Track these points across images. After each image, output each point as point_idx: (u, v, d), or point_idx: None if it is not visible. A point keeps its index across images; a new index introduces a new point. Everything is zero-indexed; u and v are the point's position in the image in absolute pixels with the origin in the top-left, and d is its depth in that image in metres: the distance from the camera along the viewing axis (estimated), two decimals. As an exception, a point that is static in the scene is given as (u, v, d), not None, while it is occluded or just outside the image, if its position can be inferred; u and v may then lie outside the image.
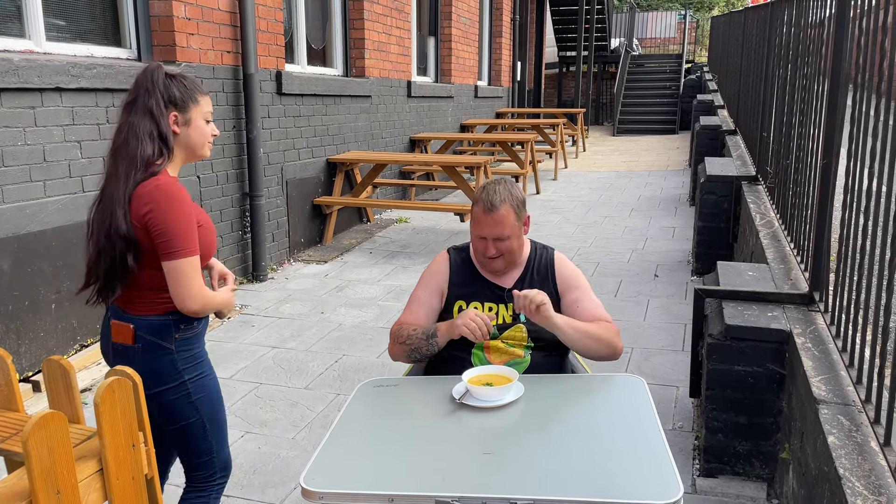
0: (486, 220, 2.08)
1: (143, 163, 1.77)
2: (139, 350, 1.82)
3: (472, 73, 10.62)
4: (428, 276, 2.26)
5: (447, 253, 2.29)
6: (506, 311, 2.16)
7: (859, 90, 2.24)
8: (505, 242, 2.09)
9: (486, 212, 2.08)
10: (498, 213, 2.07)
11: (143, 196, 1.75)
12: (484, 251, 2.11)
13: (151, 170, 1.78)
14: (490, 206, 2.07)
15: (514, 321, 2.14)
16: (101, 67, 3.88)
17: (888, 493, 1.54)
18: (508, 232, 2.09)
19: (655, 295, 4.84)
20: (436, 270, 2.25)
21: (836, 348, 2.23)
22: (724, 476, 2.62)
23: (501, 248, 2.10)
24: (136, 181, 1.76)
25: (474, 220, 2.12)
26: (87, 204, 3.85)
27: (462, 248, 2.30)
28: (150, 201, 1.74)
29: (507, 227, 2.08)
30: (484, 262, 2.15)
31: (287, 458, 2.92)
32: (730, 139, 6.71)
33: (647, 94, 16.37)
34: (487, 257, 2.11)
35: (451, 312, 2.18)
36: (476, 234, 2.12)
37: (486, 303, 2.17)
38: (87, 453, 1.55)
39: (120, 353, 1.85)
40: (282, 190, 5.74)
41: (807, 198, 2.93)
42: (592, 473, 1.50)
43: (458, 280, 2.21)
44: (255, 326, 4.40)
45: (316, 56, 6.64)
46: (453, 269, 2.24)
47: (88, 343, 3.93)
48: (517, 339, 2.12)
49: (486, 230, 2.08)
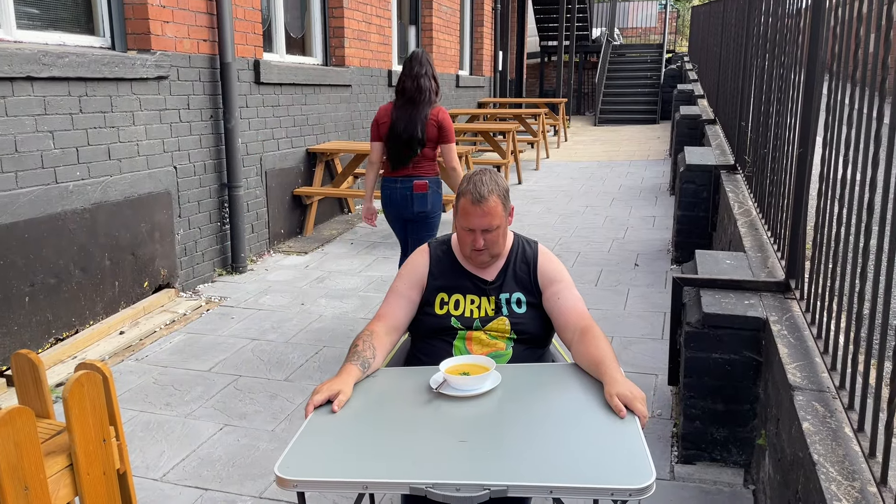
0: (474, 211, 2.03)
1: (431, 98, 3.74)
2: (430, 193, 3.78)
3: (453, 62, 10.57)
4: (407, 269, 2.22)
5: (427, 246, 2.26)
6: (488, 303, 2.13)
7: (835, 79, 2.25)
8: (493, 233, 2.06)
9: (474, 203, 2.03)
10: (487, 204, 2.03)
11: (437, 113, 3.75)
12: (472, 243, 2.07)
13: (434, 101, 3.77)
14: (478, 196, 2.03)
15: (497, 314, 2.12)
16: (73, 56, 3.81)
17: (861, 478, 1.56)
18: (497, 222, 2.05)
19: (635, 284, 4.86)
20: (415, 264, 2.22)
21: (812, 335, 2.25)
22: (702, 462, 2.64)
23: (489, 240, 2.07)
24: (431, 106, 3.74)
25: (461, 212, 2.07)
26: (60, 195, 3.79)
27: (443, 240, 2.26)
28: (440, 114, 3.75)
29: (496, 218, 2.05)
30: (470, 255, 2.12)
31: (266, 450, 2.90)
32: (709, 129, 6.74)
33: (628, 83, 16.41)
34: (475, 249, 2.08)
35: (433, 306, 2.15)
36: (463, 226, 2.07)
37: (469, 295, 2.15)
38: (56, 448, 1.52)
39: (420, 197, 3.77)
40: (261, 180, 5.68)
41: (783, 186, 2.95)
42: (566, 460, 1.51)
43: (438, 272, 2.18)
44: (234, 318, 4.36)
45: (295, 45, 6.57)
46: (433, 261, 2.20)
47: (64, 336, 3.87)
48: (500, 331, 2.11)
49: (475, 221, 2.04)
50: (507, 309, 2.13)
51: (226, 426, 3.09)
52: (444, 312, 2.13)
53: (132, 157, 4.32)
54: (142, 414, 3.21)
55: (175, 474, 2.74)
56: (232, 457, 2.85)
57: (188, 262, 4.88)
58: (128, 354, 3.86)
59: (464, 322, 2.11)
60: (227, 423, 3.12)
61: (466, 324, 2.11)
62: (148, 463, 2.82)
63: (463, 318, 2.12)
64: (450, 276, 2.18)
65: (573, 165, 10.23)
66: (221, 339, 4.05)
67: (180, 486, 2.66)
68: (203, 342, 4.01)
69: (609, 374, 1.82)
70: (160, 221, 4.58)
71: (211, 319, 4.35)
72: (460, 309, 2.13)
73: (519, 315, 2.13)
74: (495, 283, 2.16)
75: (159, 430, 3.07)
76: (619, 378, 1.80)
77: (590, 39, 18.41)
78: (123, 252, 4.28)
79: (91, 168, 4.02)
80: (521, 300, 2.15)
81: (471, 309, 2.13)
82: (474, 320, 2.11)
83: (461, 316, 2.12)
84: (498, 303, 2.13)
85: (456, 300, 2.14)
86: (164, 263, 4.64)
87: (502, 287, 2.15)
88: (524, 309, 2.14)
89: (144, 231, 4.44)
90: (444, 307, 2.14)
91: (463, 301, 2.14)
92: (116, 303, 4.26)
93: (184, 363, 3.74)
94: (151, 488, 2.65)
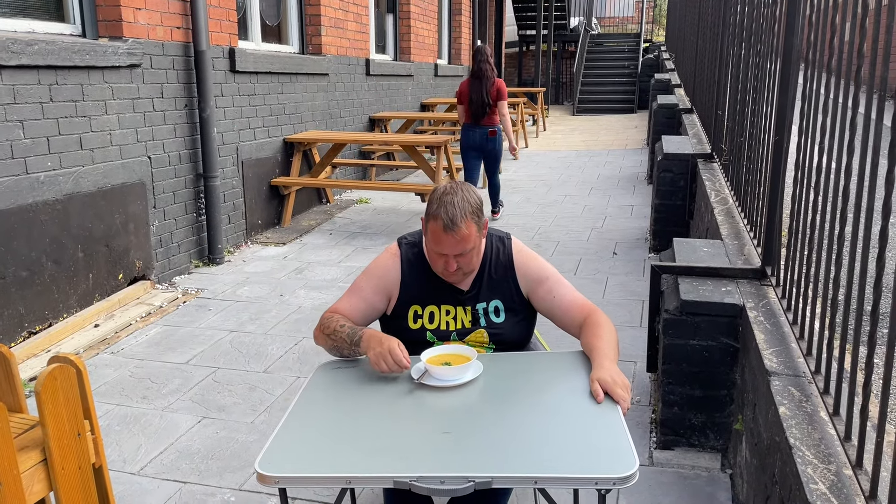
0: (446, 238, 1.89)
1: (490, 76, 6.08)
2: (497, 135, 6.17)
3: (431, 51, 10.52)
4: (375, 270, 2.08)
5: (398, 248, 2.10)
6: (464, 314, 2.05)
7: (811, 67, 2.27)
8: (466, 256, 1.94)
9: (446, 230, 1.88)
10: (459, 232, 1.88)
11: (496, 83, 6.08)
12: (444, 267, 1.95)
13: (492, 77, 6.09)
14: (451, 224, 1.87)
15: (475, 325, 2.04)
16: (43, 44, 3.72)
17: (837, 461, 1.58)
18: (471, 245, 1.92)
19: (614, 273, 4.89)
20: (385, 268, 2.07)
21: (788, 321, 2.28)
22: (680, 448, 2.67)
23: (463, 262, 1.94)
24: (493, 81, 6.08)
25: (432, 236, 1.92)
26: (31, 186, 3.71)
27: (414, 241, 2.11)
28: (498, 84, 6.09)
29: (469, 242, 1.91)
30: (444, 275, 2.00)
31: (245, 442, 2.88)
32: (686, 118, 6.78)
33: (606, 73, 16.45)
34: (448, 271, 1.96)
35: (406, 319, 2.05)
36: (434, 250, 1.94)
37: (444, 306, 2.05)
38: (29, 443, 1.49)
39: (493, 139, 6.15)
40: (237, 171, 5.62)
41: (759, 174, 2.97)
42: (550, 450, 1.51)
43: (410, 281, 2.05)
44: (211, 310, 4.32)
45: (270, 33, 6.48)
46: (404, 268, 2.06)
47: (37, 330, 3.81)
48: (479, 342, 2.05)
49: (447, 248, 1.91)
50: (485, 319, 2.05)
51: (204, 419, 3.06)
52: (419, 326, 2.04)
53: (105, 146, 4.24)
54: (118, 407, 3.16)
55: (153, 468, 2.71)
56: (211, 449, 2.83)
57: (164, 253, 4.82)
58: (103, 347, 3.80)
59: (440, 335, 2.04)
60: (206, 415, 3.09)
61: (442, 337, 2.04)
62: (125, 457, 2.78)
63: (439, 332, 2.04)
64: (423, 285, 2.06)
65: (552, 155, 10.24)
66: (199, 332, 4.00)
67: (158, 479, 2.63)
68: (180, 334, 3.96)
69: (597, 360, 1.82)
70: (134, 212, 4.51)
71: (188, 311, 4.30)
72: (435, 322, 2.04)
73: (497, 325, 2.05)
74: (471, 292, 2.06)
75: (136, 423, 3.04)
76: (605, 364, 1.79)
77: (568, 29, 18.42)
78: (97, 244, 4.21)
79: (63, 158, 3.93)
80: (498, 308, 2.06)
81: (446, 321, 2.04)
82: (451, 333, 2.04)
83: (437, 329, 2.04)
84: (475, 314, 2.04)
85: (430, 312, 2.05)
86: (139, 255, 4.58)
87: (478, 296, 2.06)
88: (502, 318, 2.06)
89: (118, 222, 4.37)
90: (417, 321, 2.05)
91: (438, 313, 2.05)
92: (91, 295, 4.19)
93: (161, 356, 3.69)
94: (129, 482, 2.62)
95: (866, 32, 1.75)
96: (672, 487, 2.49)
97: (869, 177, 1.61)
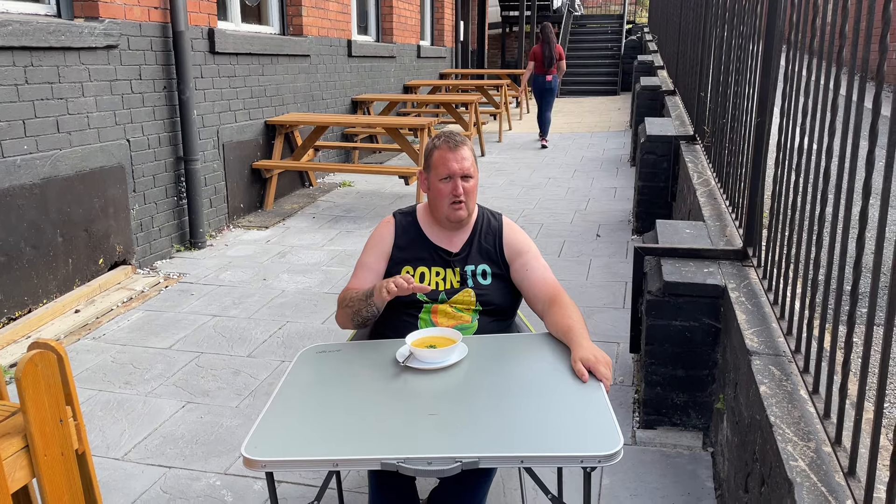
0: (452, 156, 2.07)
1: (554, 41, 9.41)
2: (553, 81, 9.48)
3: (414, 32, 10.42)
4: (373, 241, 2.21)
5: (392, 217, 2.25)
6: (453, 275, 2.13)
7: (793, 48, 2.27)
8: (470, 182, 2.10)
9: (451, 149, 2.08)
10: (463, 149, 2.10)
11: (558, 48, 9.49)
12: (452, 192, 2.08)
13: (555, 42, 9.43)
14: (454, 143, 2.09)
15: (462, 285, 2.12)
16: (17, 24, 3.64)
17: (817, 438, 1.60)
18: (473, 171, 2.10)
19: (597, 254, 4.92)
20: (381, 235, 2.21)
21: (768, 301, 2.31)
22: (663, 427, 2.70)
23: (467, 190, 2.10)
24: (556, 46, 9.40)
25: (438, 161, 2.09)
26: (7, 170, 3.64)
27: (408, 211, 2.25)
28: (559, 48, 9.49)
29: (472, 164, 2.10)
30: (449, 210, 2.10)
31: (230, 426, 2.87)
32: (669, 100, 6.80)
33: (589, 55, 16.42)
34: (456, 199, 2.08)
35: None
36: (442, 175, 2.08)
37: (434, 267, 2.14)
38: (11, 430, 1.48)
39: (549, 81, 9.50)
40: (218, 154, 5.55)
41: (741, 156, 2.99)
42: (536, 429, 1.52)
43: (403, 244, 2.18)
44: (194, 295, 4.29)
45: (250, 13, 6.39)
46: (398, 232, 2.20)
47: (16, 316, 3.76)
48: (465, 304, 2.11)
49: (454, 166, 2.07)
50: (473, 281, 2.12)
51: (188, 403, 3.05)
52: None
53: (82, 129, 4.17)
54: (101, 393, 3.14)
55: (137, 453, 2.70)
56: (195, 434, 2.82)
57: (144, 237, 4.77)
58: (84, 333, 3.76)
59: (429, 295, 2.10)
60: (190, 400, 3.08)
61: (432, 296, 2.10)
62: (109, 442, 2.77)
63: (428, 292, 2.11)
64: (415, 247, 2.17)
65: (536, 137, 10.23)
66: (181, 316, 3.97)
67: (143, 464, 2.63)
68: (162, 319, 3.93)
69: (576, 340, 1.85)
70: (114, 196, 4.45)
71: (170, 296, 4.27)
72: (425, 281, 2.12)
73: (484, 287, 2.13)
74: (460, 254, 2.15)
75: (119, 409, 3.02)
76: (584, 344, 1.82)
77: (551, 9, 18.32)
78: (76, 228, 4.16)
79: (39, 142, 3.87)
80: (486, 272, 2.15)
81: (436, 281, 2.13)
82: (440, 293, 2.11)
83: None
84: (463, 274, 2.13)
85: (421, 272, 2.14)
86: (120, 240, 4.52)
87: (467, 259, 2.15)
88: (489, 280, 2.14)
89: (98, 206, 4.31)
90: None
91: (428, 273, 2.14)
92: (71, 281, 4.14)
93: (143, 341, 3.66)
94: (113, 468, 2.61)
95: (848, 13, 1.76)
96: (654, 466, 2.53)
97: (850, 158, 1.63)
